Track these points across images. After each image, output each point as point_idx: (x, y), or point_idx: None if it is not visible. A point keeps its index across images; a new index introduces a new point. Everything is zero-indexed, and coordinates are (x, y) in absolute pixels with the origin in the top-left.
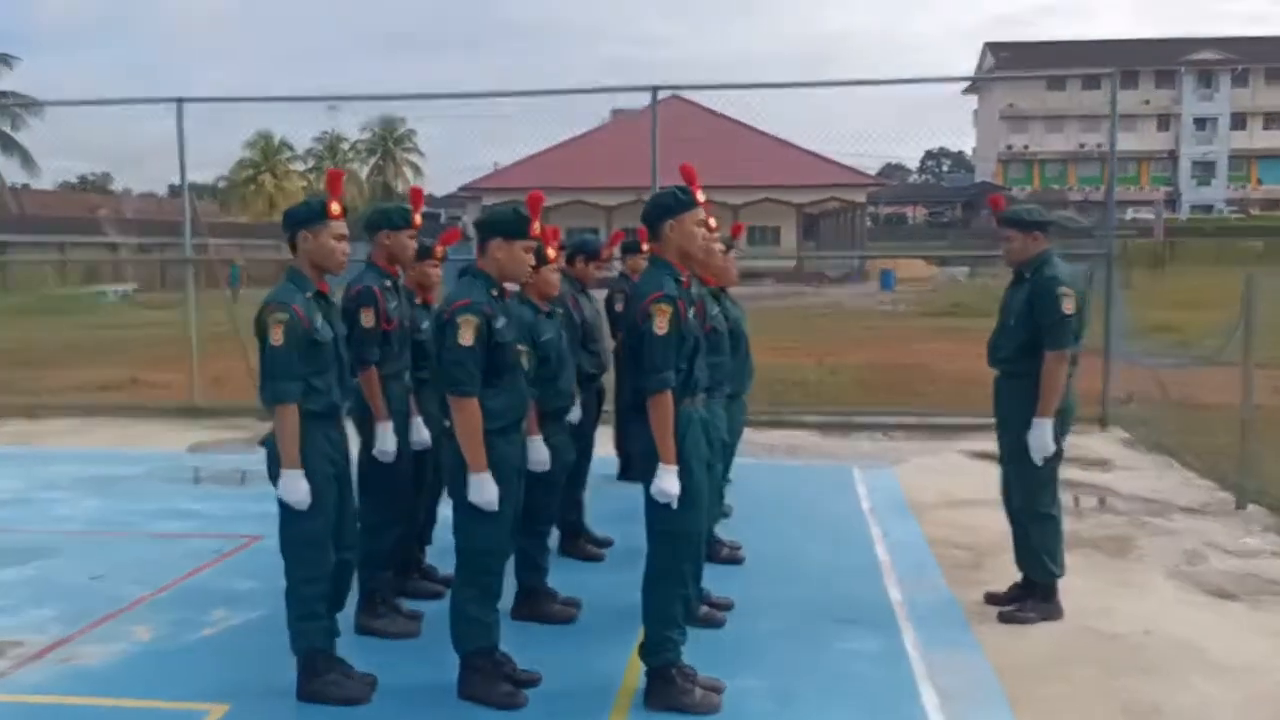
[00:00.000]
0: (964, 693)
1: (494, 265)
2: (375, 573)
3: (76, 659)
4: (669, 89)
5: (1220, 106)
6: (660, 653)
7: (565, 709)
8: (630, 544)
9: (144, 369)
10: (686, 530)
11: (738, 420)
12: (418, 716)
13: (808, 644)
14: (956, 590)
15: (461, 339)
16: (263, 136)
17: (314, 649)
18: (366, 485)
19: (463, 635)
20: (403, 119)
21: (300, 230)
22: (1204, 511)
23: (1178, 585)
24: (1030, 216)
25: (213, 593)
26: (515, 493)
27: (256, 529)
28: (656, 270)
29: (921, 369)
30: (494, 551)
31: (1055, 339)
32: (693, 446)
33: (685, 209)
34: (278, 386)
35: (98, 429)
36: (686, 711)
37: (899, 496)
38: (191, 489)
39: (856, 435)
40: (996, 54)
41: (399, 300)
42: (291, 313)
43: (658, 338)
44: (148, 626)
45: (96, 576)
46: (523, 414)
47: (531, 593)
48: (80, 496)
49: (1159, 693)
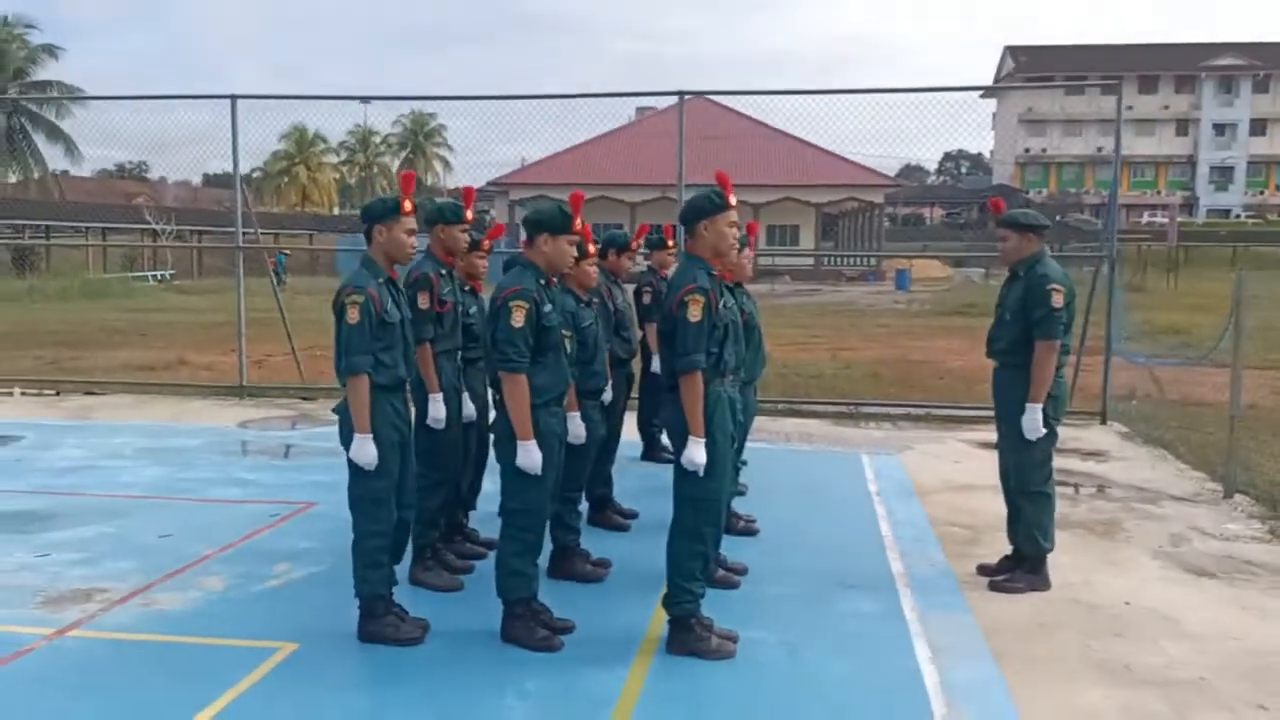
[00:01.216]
0: (953, 648)
1: (541, 257)
2: (425, 530)
3: (156, 604)
4: (695, 94)
5: (1240, 112)
6: (681, 603)
7: (595, 653)
8: (653, 516)
9: (189, 351)
10: (709, 496)
11: (751, 405)
12: (466, 655)
13: (814, 605)
14: (953, 563)
15: (514, 321)
16: (297, 129)
17: (375, 594)
18: (419, 450)
19: (507, 585)
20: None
21: (376, 224)
22: (1193, 500)
23: (1160, 564)
24: (1025, 219)
25: (274, 551)
26: (556, 460)
27: (309, 496)
28: (691, 264)
29: (930, 365)
30: (536, 511)
31: (1046, 330)
32: (720, 422)
33: (719, 210)
34: (352, 360)
35: (152, 405)
36: (703, 656)
37: (904, 480)
38: (244, 460)
39: (866, 424)
40: (1016, 57)
41: (452, 286)
42: (367, 295)
43: (691, 324)
44: (218, 578)
45: (165, 535)
46: (564, 390)
47: (566, 552)
48: (142, 465)
49: (1130, 654)
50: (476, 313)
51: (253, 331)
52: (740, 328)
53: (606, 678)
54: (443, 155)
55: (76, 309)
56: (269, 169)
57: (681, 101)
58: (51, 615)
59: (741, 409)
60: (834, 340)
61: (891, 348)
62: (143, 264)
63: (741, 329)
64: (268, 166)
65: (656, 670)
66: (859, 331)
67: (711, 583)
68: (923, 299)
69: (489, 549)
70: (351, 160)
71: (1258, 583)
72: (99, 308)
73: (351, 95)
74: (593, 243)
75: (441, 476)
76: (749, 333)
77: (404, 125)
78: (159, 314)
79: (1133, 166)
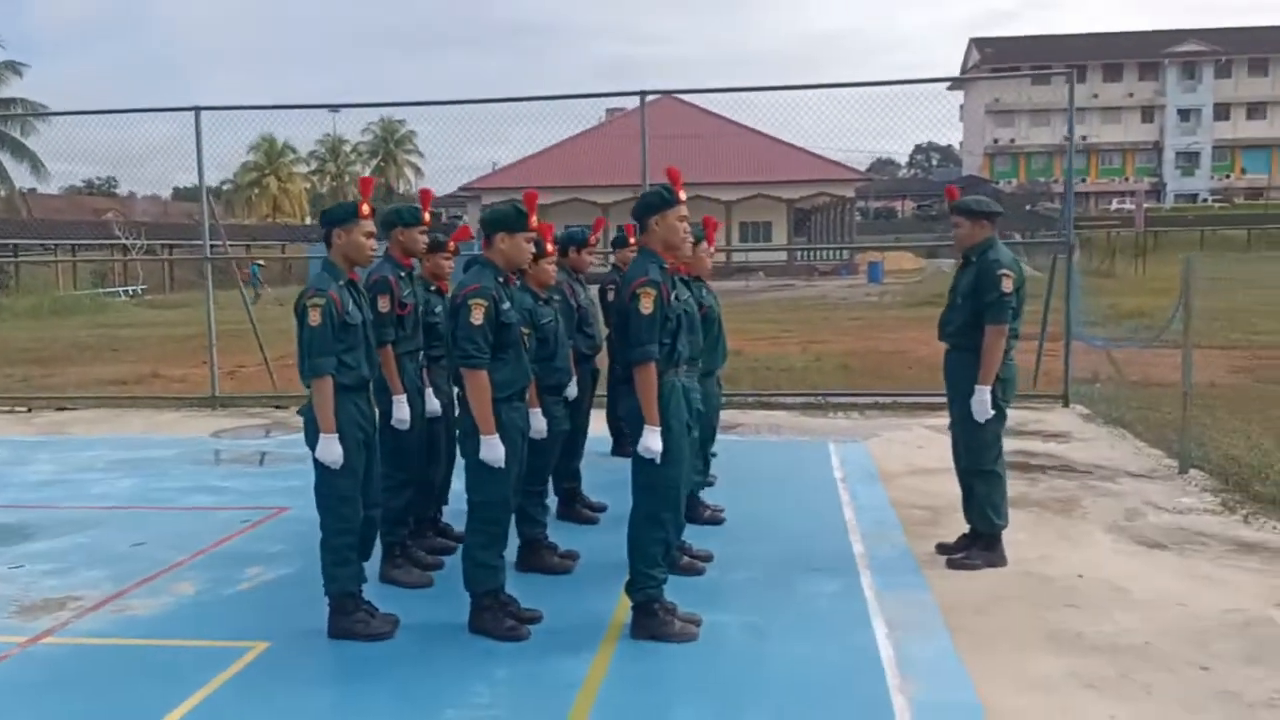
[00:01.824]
0: (910, 623)
1: (499, 255)
2: (393, 529)
3: (128, 610)
4: (657, 93)
5: (1204, 98)
6: (643, 588)
7: (562, 641)
8: (622, 509)
9: (162, 364)
10: (667, 482)
11: (714, 395)
12: (435, 648)
13: (777, 588)
14: (913, 543)
15: (473, 318)
16: (266, 140)
17: (344, 592)
18: (384, 451)
19: (473, 577)
20: (402, 121)
21: (336, 228)
22: (1149, 476)
23: (1114, 538)
24: (977, 206)
25: (246, 555)
26: (519, 453)
27: (281, 502)
28: (644, 259)
29: (900, 355)
30: (501, 503)
31: (995, 315)
32: (675, 410)
33: (669, 205)
34: (315, 362)
35: (125, 418)
36: (667, 639)
37: (869, 466)
38: (218, 469)
39: (834, 414)
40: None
41: (412, 288)
42: (328, 298)
43: (644, 316)
44: (189, 583)
45: (138, 544)
46: (525, 385)
47: (533, 545)
48: (116, 477)
49: (1082, 623)
50: (441, 312)
51: (225, 343)
52: (696, 319)
53: (572, 663)
54: (414, 162)
55: (47, 326)
56: (239, 181)
57: (643, 102)
58: (24, 624)
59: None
60: (806, 334)
61: (862, 339)
62: (113, 280)
63: (698, 321)
64: (237, 178)
65: (621, 654)
66: (831, 325)
67: (677, 570)
68: (895, 290)
69: (460, 542)
70: (322, 170)
71: (1207, 553)
72: (70, 324)
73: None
74: (551, 242)
75: (407, 476)
76: (709, 325)
77: (374, 133)
78: (130, 329)
79: (1100, 154)
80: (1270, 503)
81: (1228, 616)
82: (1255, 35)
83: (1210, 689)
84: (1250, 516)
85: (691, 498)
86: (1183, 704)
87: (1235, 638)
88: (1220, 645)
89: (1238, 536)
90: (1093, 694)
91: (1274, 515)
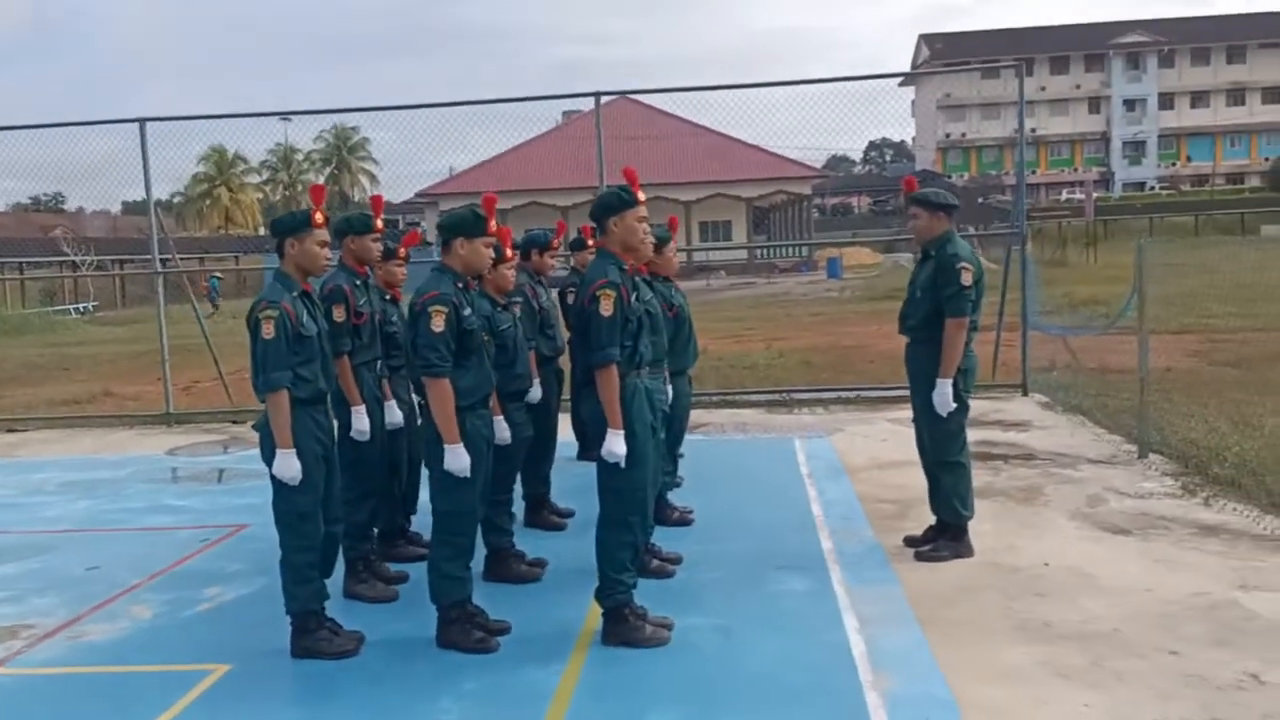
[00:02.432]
0: (881, 618)
1: (458, 261)
2: (356, 543)
3: (85, 636)
4: (612, 94)
5: (1149, 87)
6: (613, 594)
7: (532, 651)
8: (589, 515)
9: (115, 382)
10: (632, 486)
11: (685, 395)
12: (402, 663)
13: (747, 588)
14: (881, 537)
15: (434, 326)
16: (216, 151)
17: (306, 610)
18: (345, 464)
19: (440, 590)
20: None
21: (288, 238)
22: (1110, 462)
23: (1078, 525)
24: (935, 198)
25: (205, 574)
26: (485, 462)
27: (240, 519)
28: (603, 260)
29: (861, 349)
30: (467, 514)
31: (955, 307)
32: (638, 413)
33: (628, 207)
34: (270, 376)
35: (78, 438)
36: (638, 645)
37: (834, 461)
38: (174, 487)
39: (799, 410)
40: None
41: (368, 296)
42: (281, 310)
43: (604, 318)
44: (147, 606)
45: (93, 567)
46: (489, 392)
47: (500, 554)
48: (69, 499)
49: (1050, 612)
50: (398, 320)
51: (180, 358)
52: (659, 320)
53: (543, 673)
54: (368, 169)
55: None
56: (190, 192)
57: (598, 103)
58: None
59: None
60: (768, 331)
61: (824, 335)
62: (63, 297)
63: (661, 322)
64: (188, 190)
65: (593, 662)
66: (793, 321)
67: (646, 573)
68: (855, 286)
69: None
70: (274, 179)
71: (1169, 536)
72: (19, 344)
73: (267, 112)
74: (510, 247)
75: (368, 488)
76: (680, 325)
77: (327, 141)
78: (82, 347)
79: (1049, 145)
80: (1229, 484)
81: (1193, 600)
82: (1196, 25)
83: (1180, 673)
84: (1210, 499)
85: (659, 499)
86: (1154, 690)
87: (1202, 621)
88: (1188, 629)
89: (1199, 519)
90: (1065, 683)
91: (1233, 497)
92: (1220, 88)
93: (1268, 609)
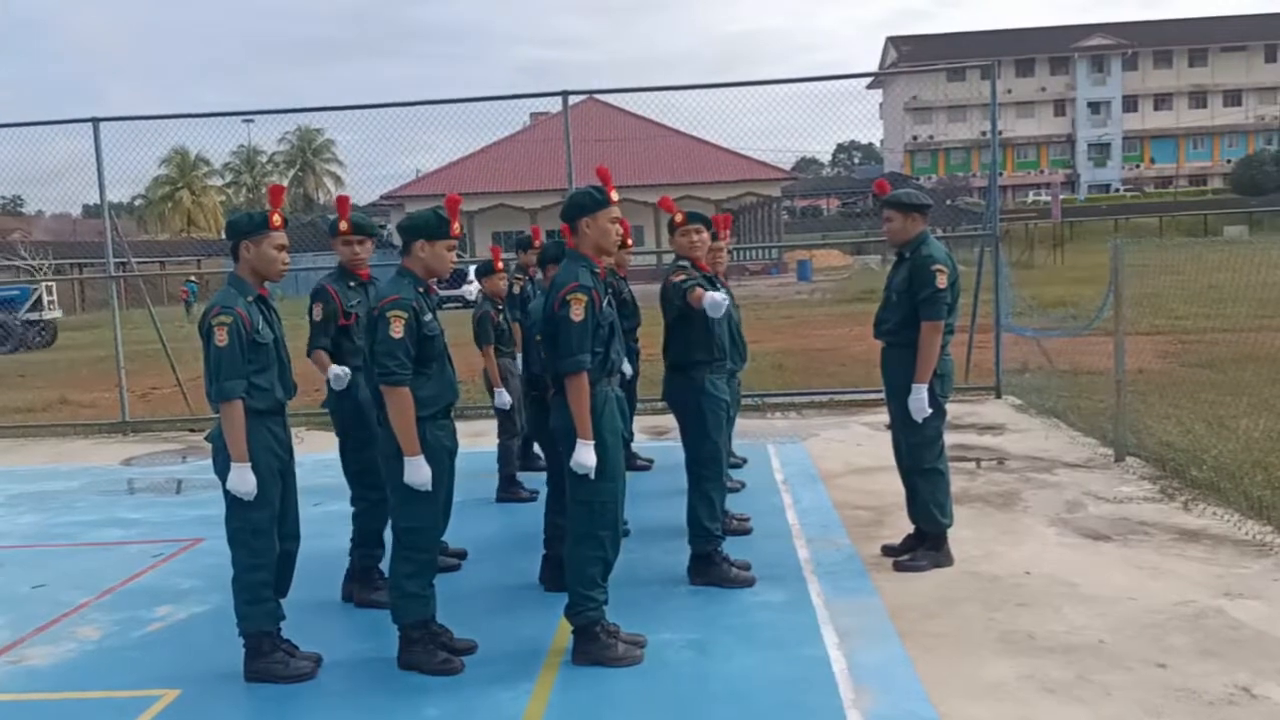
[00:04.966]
0: (860, 631)
1: (419, 264)
2: (369, 551)
3: (26, 660)
4: (580, 94)
5: (1113, 90)
6: (583, 612)
7: (498, 671)
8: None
9: (71, 389)
10: (603, 498)
11: (737, 396)
12: (361, 686)
13: (723, 601)
14: (858, 546)
15: (393, 332)
16: (178, 153)
17: (260, 631)
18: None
19: (401, 609)
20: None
21: (243, 240)
22: (1086, 466)
23: (1057, 531)
24: (909, 199)
25: (156, 592)
26: (448, 475)
27: (195, 533)
28: (573, 263)
29: (833, 352)
30: (429, 529)
31: (930, 311)
32: (609, 422)
33: (601, 207)
34: (224, 385)
35: (30, 449)
36: (610, 664)
37: (809, 468)
38: (128, 499)
39: (772, 415)
40: (898, 47)
41: (364, 298)
42: (235, 316)
43: (574, 324)
44: (94, 626)
45: (39, 585)
46: (452, 401)
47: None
48: (17, 513)
49: (1033, 623)
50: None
51: (139, 364)
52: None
53: (510, 695)
54: (333, 171)
55: None
56: (151, 195)
57: (566, 102)
58: None
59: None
60: None
61: (795, 338)
62: None
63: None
64: (149, 193)
65: (563, 683)
66: (764, 324)
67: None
68: (825, 288)
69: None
70: (238, 181)
71: (1151, 542)
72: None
73: (227, 112)
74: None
75: (381, 495)
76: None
77: (291, 142)
78: (38, 353)
79: (1015, 148)
80: (1208, 488)
81: (1178, 609)
82: (1159, 28)
83: (1169, 687)
84: (1189, 503)
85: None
86: (1144, 705)
87: (1188, 631)
88: (1174, 639)
89: (1180, 524)
90: (1051, 699)
91: (1213, 501)
92: (1183, 90)
93: (1254, 617)
